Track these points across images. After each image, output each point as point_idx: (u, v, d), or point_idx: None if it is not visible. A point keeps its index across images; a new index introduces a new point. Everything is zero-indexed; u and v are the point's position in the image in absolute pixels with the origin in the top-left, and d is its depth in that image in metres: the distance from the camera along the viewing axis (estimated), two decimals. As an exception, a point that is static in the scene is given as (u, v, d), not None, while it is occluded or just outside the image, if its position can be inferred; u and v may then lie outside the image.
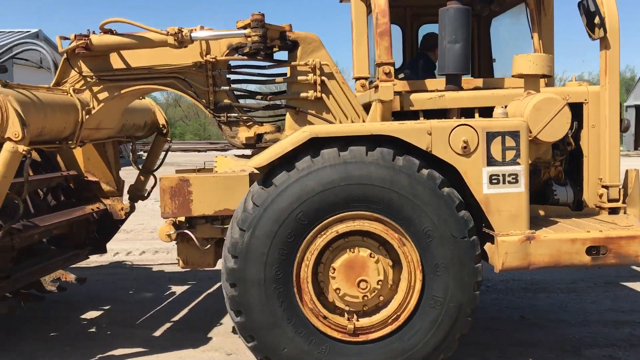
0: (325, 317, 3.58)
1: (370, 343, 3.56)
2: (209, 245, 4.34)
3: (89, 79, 4.63)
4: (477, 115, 4.42)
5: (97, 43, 4.43)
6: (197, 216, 4.21)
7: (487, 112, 4.41)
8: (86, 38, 4.41)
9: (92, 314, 5.59)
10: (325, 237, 3.52)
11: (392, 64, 4.20)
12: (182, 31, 4.30)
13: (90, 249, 5.69)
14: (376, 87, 4.27)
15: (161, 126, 5.87)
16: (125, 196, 5.83)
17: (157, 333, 5.03)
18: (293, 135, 3.52)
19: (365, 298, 3.58)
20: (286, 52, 4.64)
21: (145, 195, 5.96)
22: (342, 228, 3.52)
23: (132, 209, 5.84)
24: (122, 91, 4.62)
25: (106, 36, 4.46)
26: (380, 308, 3.65)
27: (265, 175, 3.67)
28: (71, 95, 4.53)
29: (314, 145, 3.56)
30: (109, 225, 5.77)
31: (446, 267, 3.52)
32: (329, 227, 3.52)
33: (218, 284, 6.53)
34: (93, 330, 5.15)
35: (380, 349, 3.56)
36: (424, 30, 5.93)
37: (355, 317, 3.62)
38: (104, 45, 4.47)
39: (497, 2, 4.97)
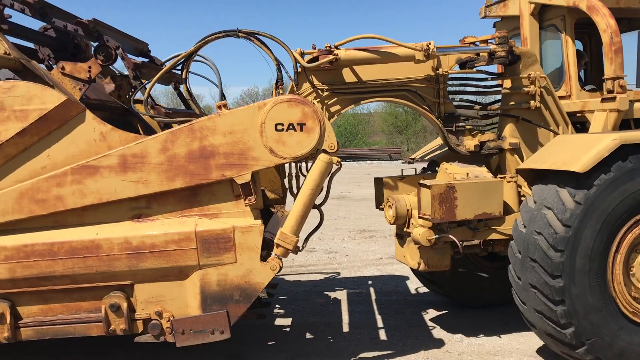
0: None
1: None
2: (458, 249, 4.64)
3: (320, 92, 4.80)
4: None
5: (344, 58, 4.62)
6: (458, 220, 4.51)
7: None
8: (333, 54, 4.57)
9: (283, 321, 5.70)
10: (634, 233, 4.01)
11: (624, 78, 4.72)
12: (430, 47, 4.59)
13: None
14: (608, 98, 4.77)
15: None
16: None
17: (382, 336, 5.21)
18: (605, 143, 3.92)
19: None
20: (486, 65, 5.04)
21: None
22: None
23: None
24: (362, 102, 4.84)
25: (353, 51, 4.66)
26: None
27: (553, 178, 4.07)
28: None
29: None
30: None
31: None
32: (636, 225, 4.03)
33: (377, 288, 6.76)
34: (312, 336, 5.27)
35: None
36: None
37: None
38: (349, 60, 4.66)
39: (625, 23, 5.55)
